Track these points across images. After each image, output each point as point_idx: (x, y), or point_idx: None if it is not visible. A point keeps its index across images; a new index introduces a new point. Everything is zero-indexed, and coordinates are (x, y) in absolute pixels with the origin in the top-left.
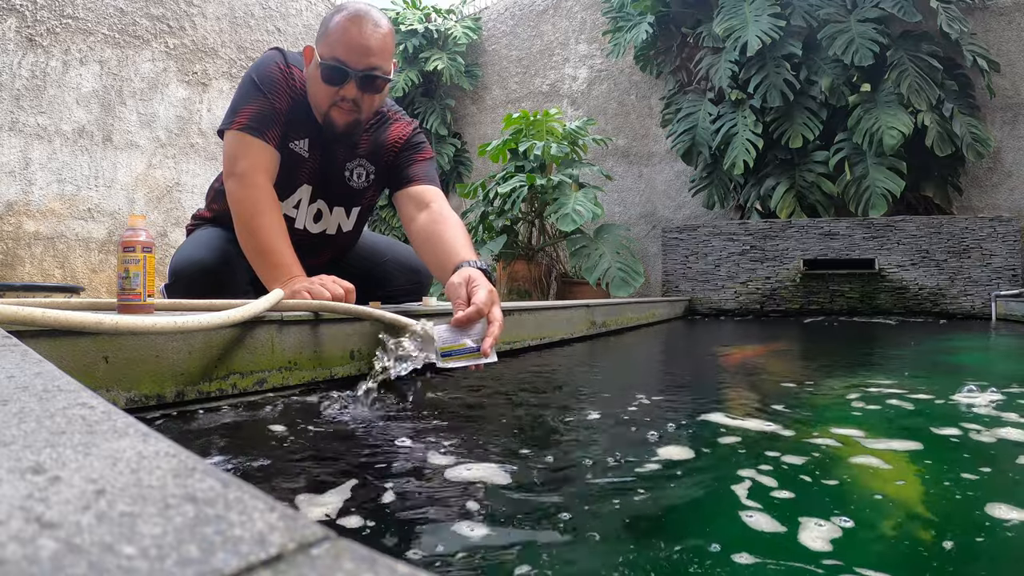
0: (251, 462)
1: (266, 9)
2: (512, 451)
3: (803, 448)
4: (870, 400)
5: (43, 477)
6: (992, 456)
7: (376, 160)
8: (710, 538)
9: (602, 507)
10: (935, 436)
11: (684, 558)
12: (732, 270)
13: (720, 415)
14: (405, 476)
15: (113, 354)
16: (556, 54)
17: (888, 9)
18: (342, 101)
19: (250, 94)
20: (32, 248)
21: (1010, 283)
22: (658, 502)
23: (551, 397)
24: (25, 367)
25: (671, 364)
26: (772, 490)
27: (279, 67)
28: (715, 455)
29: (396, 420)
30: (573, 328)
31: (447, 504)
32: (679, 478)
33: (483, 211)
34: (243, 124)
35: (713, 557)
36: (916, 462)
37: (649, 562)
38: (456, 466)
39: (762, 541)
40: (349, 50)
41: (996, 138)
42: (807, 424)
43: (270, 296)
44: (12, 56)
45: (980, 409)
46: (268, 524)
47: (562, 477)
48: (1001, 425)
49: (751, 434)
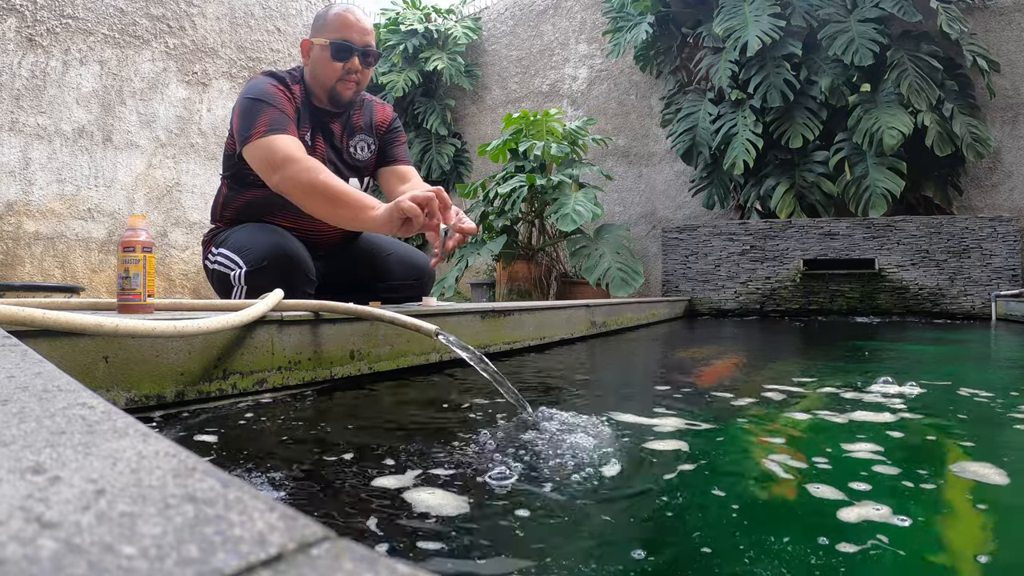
0: (251, 462)
1: (266, 9)
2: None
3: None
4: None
5: (43, 477)
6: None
7: (371, 134)
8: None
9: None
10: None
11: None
12: (732, 270)
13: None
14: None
15: (113, 354)
16: (556, 54)
17: (888, 9)
18: (348, 75)
19: (255, 110)
20: (32, 248)
21: (1010, 283)
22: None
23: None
24: (25, 367)
25: (632, 373)
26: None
27: (273, 84)
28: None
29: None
30: (573, 328)
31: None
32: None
33: (483, 211)
34: (262, 132)
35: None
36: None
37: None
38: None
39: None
40: (352, 31)
41: (996, 138)
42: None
43: (269, 297)
44: (12, 56)
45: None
46: (268, 524)
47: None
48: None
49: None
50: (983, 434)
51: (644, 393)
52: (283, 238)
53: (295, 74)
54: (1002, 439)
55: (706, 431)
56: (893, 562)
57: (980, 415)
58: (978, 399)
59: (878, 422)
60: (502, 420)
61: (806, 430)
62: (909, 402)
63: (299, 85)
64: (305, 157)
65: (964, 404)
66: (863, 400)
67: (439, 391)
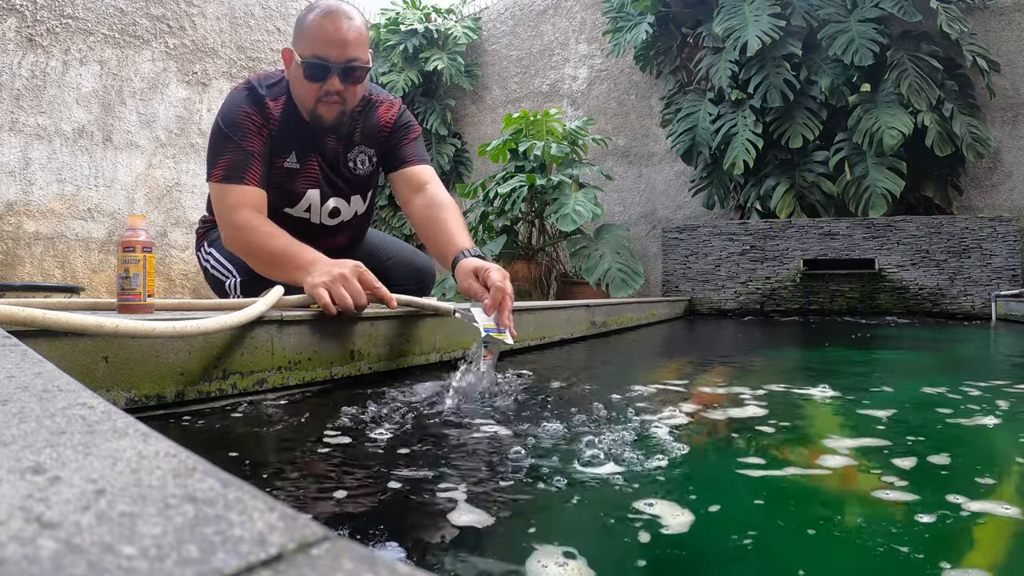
0: (251, 462)
1: (266, 9)
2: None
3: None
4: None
5: (43, 477)
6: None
7: (372, 143)
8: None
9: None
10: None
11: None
12: (732, 270)
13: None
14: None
15: (113, 354)
16: (556, 54)
17: (888, 9)
18: (326, 96)
19: (220, 145)
20: (32, 248)
21: (1010, 283)
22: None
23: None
24: (25, 367)
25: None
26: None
27: (244, 110)
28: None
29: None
30: (573, 328)
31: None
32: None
33: (483, 211)
34: (220, 176)
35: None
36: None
37: None
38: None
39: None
40: (328, 46)
41: (996, 138)
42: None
43: (269, 298)
44: (12, 56)
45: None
46: (268, 524)
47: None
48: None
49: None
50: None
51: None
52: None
53: (280, 86)
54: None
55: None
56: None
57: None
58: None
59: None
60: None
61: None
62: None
63: (283, 98)
64: (245, 216)
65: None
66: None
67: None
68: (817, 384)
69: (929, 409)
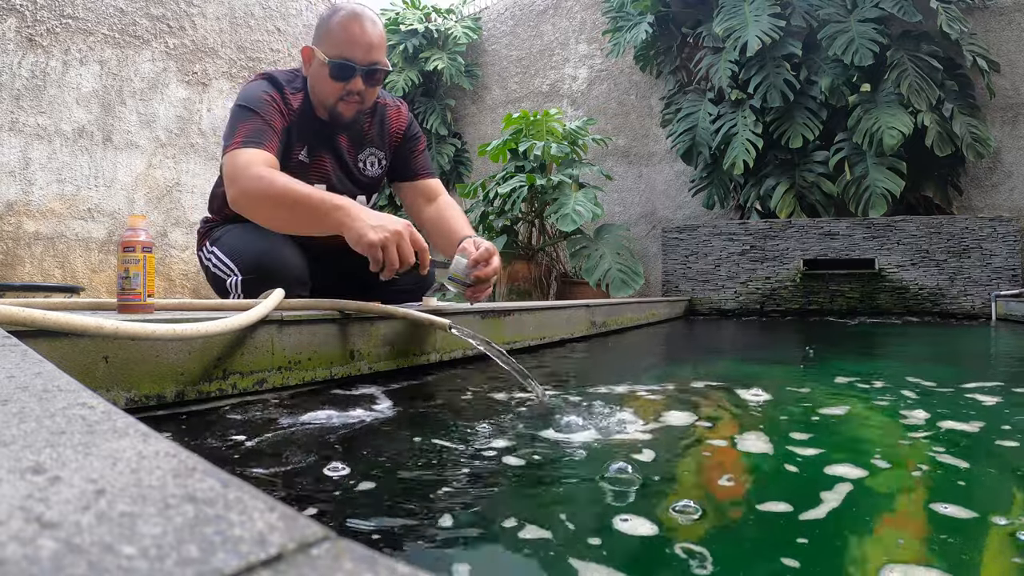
0: (251, 462)
1: (266, 9)
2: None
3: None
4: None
5: (43, 477)
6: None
7: (383, 146)
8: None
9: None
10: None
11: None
12: (732, 270)
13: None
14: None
15: (113, 354)
16: (556, 54)
17: (888, 9)
18: (348, 95)
19: (241, 116)
20: (32, 248)
21: (1010, 283)
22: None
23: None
24: (25, 367)
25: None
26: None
27: (268, 93)
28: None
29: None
30: (573, 328)
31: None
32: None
33: (483, 211)
34: (239, 143)
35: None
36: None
37: None
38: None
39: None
40: (354, 47)
41: (996, 138)
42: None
43: (271, 298)
44: (12, 56)
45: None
46: (268, 524)
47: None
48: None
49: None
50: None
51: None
52: (275, 243)
53: (297, 82)
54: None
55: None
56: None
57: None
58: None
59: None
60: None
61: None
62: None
63: (301, 94)
64: (258, 170)
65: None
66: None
67: (444, 384)
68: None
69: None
